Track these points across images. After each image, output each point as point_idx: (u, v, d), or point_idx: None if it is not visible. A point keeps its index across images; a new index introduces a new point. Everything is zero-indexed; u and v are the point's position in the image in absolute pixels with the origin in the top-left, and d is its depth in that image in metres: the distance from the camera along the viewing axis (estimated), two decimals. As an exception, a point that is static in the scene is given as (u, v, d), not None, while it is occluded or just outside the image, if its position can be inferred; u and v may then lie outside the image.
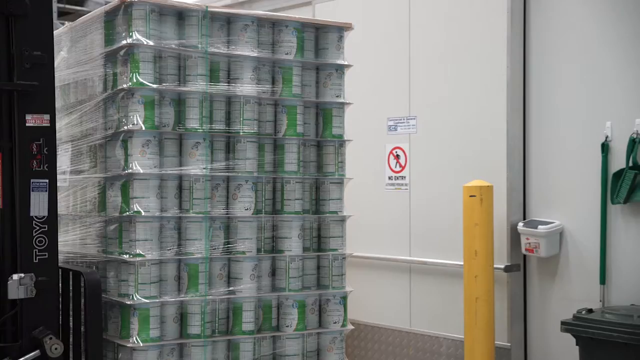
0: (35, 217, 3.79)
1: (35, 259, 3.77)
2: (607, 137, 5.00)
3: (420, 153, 5.94)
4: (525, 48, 5.46)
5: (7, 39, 3.83)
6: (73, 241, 4.54)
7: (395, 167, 6.10)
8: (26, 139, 3.79)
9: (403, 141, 6.06)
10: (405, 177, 6.02)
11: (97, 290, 3.98)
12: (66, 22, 4.90)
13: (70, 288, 4.18)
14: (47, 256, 3.80)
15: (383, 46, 6.19)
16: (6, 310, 3.85)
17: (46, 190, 3.80)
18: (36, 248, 3.78)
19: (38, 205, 3.78)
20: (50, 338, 3.75)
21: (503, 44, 5.42)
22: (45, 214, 3.81)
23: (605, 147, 4.99)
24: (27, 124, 3.78)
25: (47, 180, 3.80)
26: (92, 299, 3.97)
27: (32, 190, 3.77)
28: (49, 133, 3.83)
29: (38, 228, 3.79)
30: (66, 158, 4.55)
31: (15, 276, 3.71)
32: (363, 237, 5.23)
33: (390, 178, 6.13)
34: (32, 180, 3.78)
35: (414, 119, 5.99)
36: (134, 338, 4.06)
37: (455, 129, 5.71)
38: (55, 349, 3.76)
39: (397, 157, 6.08)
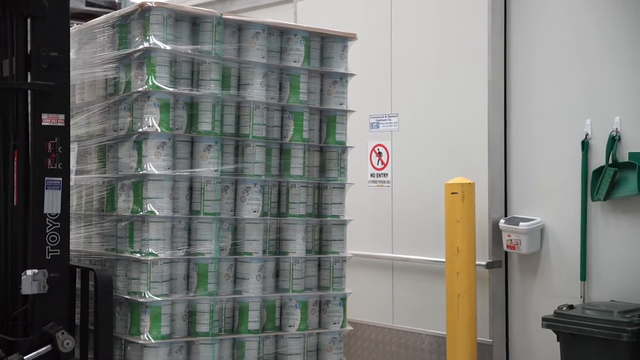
0: (49, 214, 3.87)
1: (48, 256, 3.86)
2: (587, 134, 5.16)
3: (402, 150, 6.06)
4: (506, 46, 5.60)
5: (25, 40, 3.90)
6: (77, 239, 4.55)
7: (378, 164, 6.20)
8: (41, 138, 3.88)
9: (385, 139, 6.17)
10: (387, 175, 6.14)
11: (109, 288, 4.04)
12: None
13: (77, 286, 4.20)
14: (59, 253, 3.89)
15: (365, 44, 6.23)
16: (17, 306, 3.92)
17: (60, 188, 3.89)
18: (49, 245, 3.87)
19: (51, 202, 3.87)
20: (62, 333, 3.83)
21: (484, 42, 5.55)
22: (58, 211, 3.90)
23: (585, 145, 5.15)
24: (42, 123, 3.87)
25: (60, 179, 3.90)
26: (104, 296, 4.02)
27: (46, 188, 3.87)
28: (64, 132, 3.92)
29: (51, 225, 3.87)
30: (72, 158, 4.54)
31: (29, 272, 3.79)
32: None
33: (372, 175, 6.24)
34: (46, 179, 3.87)
35: (396, 116, 6.10)
36: (146, 335, 4.12)
37: (437, 127, 5.84)
38: (67, 344, 3.84)
39: (379, 154, 6.19)
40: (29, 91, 3.91)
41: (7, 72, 4.02)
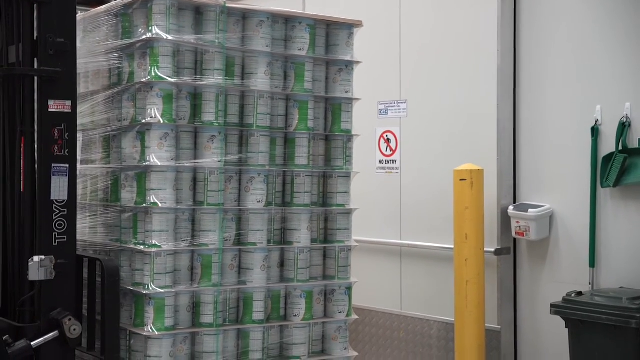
0: (56, 201, 3.89)
1: (55, 242, 3.88)
2: (597, 120, 5.12)
3: (410, 137, 6.03)
4: (515, 32, 5.55)
5: (32, 26, 3.91)
6: (82, 229, 4.54)
7: (386, 150, 6.18)
8: (48, 124, 3.89)
9: (394, 125, 6.14)
10: (395, 161, 6.11)
11: (116, 278, 4.05)
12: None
13: (85, 276, 4.21)
14: (66, 239, 3.91)
15: (374, 30, 6.20)
16: (25, 292, 3.94)
17: (66, 175, 3.91)
18: (56, 231, 3.88)
19: (58, 189, 3.89)
20: (70, 319, 3.85)
21: (494, 28, 5.50)
22: (65, 198, 3.91)
23: (595, 131, 5.11)
24: (49, 110, 3.88)
25: (67, 165, 3.91)
26: (111, 286, 4.03)
27: (53, 175, 3.88)
28: (71, 119, 3.93)
29: (58, 212, 3.89)
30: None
31: (36, 258, 3.80)
32: (354, 220, 5.29)
33: (381, 162, 6.21)
34: (53, 165, 3.87)
35: (405, 102, 6.06)
36: (149, 327, 4.12)
37: (446, 113, 5.81)
38: (74, 329, 3.86)
39: (388, 140, 6.17)
40: (35, 77, 3.91)
41: (13, 59, 4.03)
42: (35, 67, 3.93)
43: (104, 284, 4.04)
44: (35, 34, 3.93)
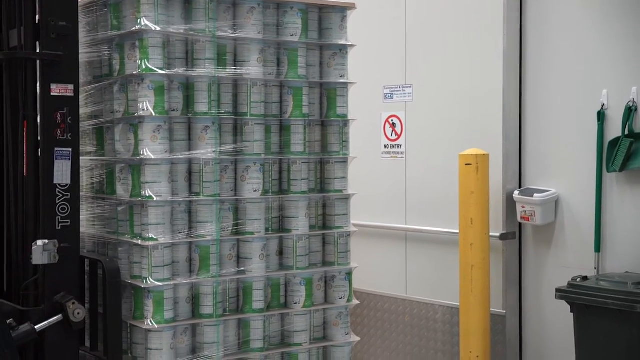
0: (59, 184, 3.89)
1: (58, 226, 3.88)
2: (603, 105, 5.05)
3: (416, 121, 5.99)
4: (522, 16, 5.48)
5: (34, 9, 3.90)
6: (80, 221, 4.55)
7: (391, 135, 6.14)
8: (51, 108, 3.88)
9: (399, 109, 6.10)
10: (401, 146, 6.08)
11: (117, 279, 4.06)
12: None
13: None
14: (69, 223, 3.91)
15: (379, 14, 6.18)
16: (28, 276, 3.96)
17: (69, 159, 3.91)
18: (59, 215, 3.89)
19: (61, 173, 3.89)
20: (73, 303, 3.87)
21: (500, 12, 5.43)
22: (68, 182, 3.91)
23: (601, 115, 5.05)
24: (51, 94, 3.87)
25: (70, 149, 3.91)
26: (112, 288, 4.04)
27: (56, 159, 3.88)
28: (73, 103, 3.92)
29: (61, 196, 3.89)
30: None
31: (39, 242, 3.80)
32: (359, 205, 5.28)
33: (386, 146, 6.18)
34: (56, 149, 3.87)
35: (410, 87, 6.02)
36: (149, 320, 4.13)
37: (452, 97, 5.75)
38: (78, 313, 3.88)
39: (393, 125, 6.13)
40: (37, 61, 3.91)
41: (15, 42, 4.03)
42: (37, 51, 3.93)
43: (105, 285, 4.05)
44: (37, 18, 3.92)
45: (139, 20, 4.08)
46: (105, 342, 4.07)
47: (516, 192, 5.39)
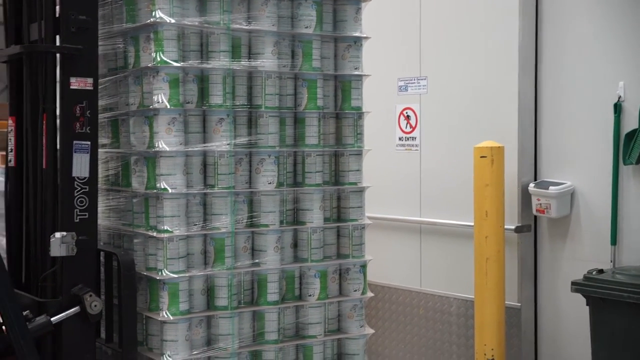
0: (77, 177, 3.92)
1: (76, 219, 3.92)
2: (619, 97, 5.01)
3: (430, 113, 5.97)
4: (537, 7, 5.44)
5: (54, 3, 3.96)
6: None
7: (406, 127, 6.13)
8: (70, 102, 3.92)
9: (413, 102, 6.08)
10: (415, 138, 6.06)
11: (132, 272, 4.08)
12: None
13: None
14: (87, 216, 3.95)
15: (393, 6, 6.16)
16: (46, 268, 4.01)
17: (88, 152, 3.94)
18: (77, 208, 3.92)
19: (80, 166, 3.93)
20: (90, 295, 3.90)
21: (515, 3, 5.39)
22: (87, 175, 3.95)
23: (617, 108, 5.01)
24: (71, 87, 3.90)
25: (89, 143, 3.95)
26: (127, 281, 4.07)
27: (75, 152, 3.92)
28: (92, 96, 3.97)
29: (79, 189, 3.93)
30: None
31: (57, 234, 3.84)
32: (373, 198, 5.28)
33: (400, 139, 6.17)
34: (74, 142, 3.91)
35: (425, 79, 6.00)
36: (164, 312, 4.14)
37: (467, 90, 5.73)
38: (95, 305, 3.92)
39: (408, 117, 6.11)
40: (57, 55, 3.95)
41: (35, 36, 4.08)
42: (57, 44, 3.96)
43: (120, 278, 4.08)
44: (57, 11, 3.96)
45: (153, 13, 4.09)
46: (121, 334, 4.09)
47: (531, 185, 5.36)
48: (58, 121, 4.00)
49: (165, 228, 4.14)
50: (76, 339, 3.92)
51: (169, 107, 4.11)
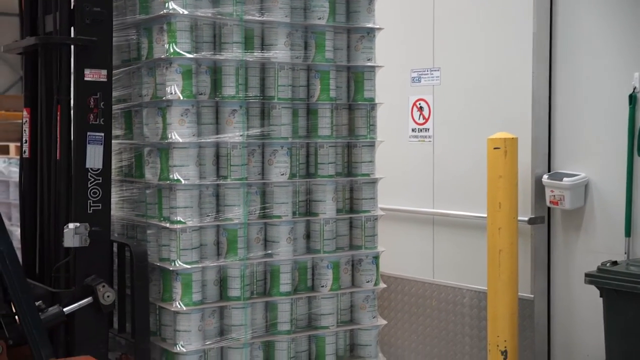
0: (91, 169, 3.96)
1: (90, 210, 3.95)
2: (634, 88, 4.97)
3: (444, 105, 5.96)
4: (552, -2, 5.43)
5: None
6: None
7: (419, 119, 6.12)
8: (84, 93, 3.95)
9: (426, 93, 6.06)
10: (428, 129, 6.05)
11: (144, 263, 4.10)
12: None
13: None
14: (100, 207, 3.98)
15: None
16: (60, 258, 4.03)
17: (102, 144, 3.97)
18: (90, 199, 3.96)
19: (94, 157, 3.96)
20: (103, 286, 3.93)
21: (529, -6, 5.38)
22: (100, 166, 3.98)
23: (632, 99, 4.97)
24: (85, 79, 3.94)
25: (102, 134, 3.98)
26: (140, 272, 4.08)
27: (89, 143, 3.95)
28: (106, 88, 4.00)
29: (93, 180, 3.96)
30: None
31: (71, 225, 3.87)
32: (386, 189, 5.28)
33: (413, 130, 6.15)
34: (88, 133, 3.94)
35: (438, 70, 5.98)
36: (177, 303, 4.16)
37: (480, 81, 5.70)
38: (108, 296, 3.94)
39: (421, 109, 6.10)
40: (72, 46, 3.97)
41: (50, 27, 4.10)
42: (72, 36, 3.98)
43: (133, 270, 4.10)
44: (72, 3, 3.99)
45: (166, 4, 4.09)
46: (133, 324, 4.11)
47: (545, 176, 5.34)
48: (72, 113, 4.02)
49: (178, 219, 4.15)
50: (89, 330, 3.95)
51: (181, 98, 4.12)
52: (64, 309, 3.86)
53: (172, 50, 4.10)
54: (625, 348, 4.61)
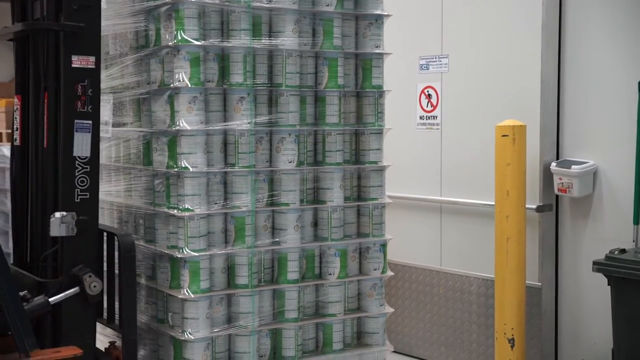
0: (78, 157, 3.89)
1: (77, 199, 3.88)
2: (644, 75, 4.97)
3: (452, 92, 5.93)
4: (561, -15, 5.40)
5: None
6: (117, 192, 4.61)
7: (427, 106, 6.10)
8: (71, 80, 3.87)
9: (435, 80, 6.04)
10: (436, 117, 6.03)
11: (132, 253, 4.01)
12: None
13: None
14: (88, 196, 3.90)
15: (415, -17, 6.12)
16: (47, 248, 3.97)
17: (89, 132, 3.89)
18: (78, 188, 3.88)
19: (81, 145, 3.88)
20: (90, 276, 3.86)
21: (538, -19, 5.35)
22: (88, 154, 3.90)
23: (642, 86, 4.97)
24: (72, 65, 3.86)
25: (90, 122, 3.89)
26: (127, 262, 4.00)
27: (76, 131, 3.87)
28: (94, 75, 3.91)
29: (80, 168, 3.89)
30: (107, 109, 4.57)
31: (57, 214, 3.80)
32: (394, 177, 5.27)
33: (421, 118, 6.14)
34: (76, 121, 3.86)
35: (446, 57, 5.95)
36: (185, 290, 4.17)
37: (488, 68, 5.68)
38: (95, 286, 3.87)
39: (429, 96, 6.08)
40: (60, 33, 3.90)
41: (38, 14, 4.04)
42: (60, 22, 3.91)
43: (120, 259, 4.02)
44: None
45: (174, -9, 4.09)
46: (121, 315, 4.04)
47: (553, 164, 5.32)
48: (60, 100, 3.93)
49: (186, 207, 4.15)
50: (76, 320, 3.89)
51: (189, 85, 4.11)
52: (50, 299, 3.79)
53: (180, 38, 4.09)
54: (633, 336, 4.60)
